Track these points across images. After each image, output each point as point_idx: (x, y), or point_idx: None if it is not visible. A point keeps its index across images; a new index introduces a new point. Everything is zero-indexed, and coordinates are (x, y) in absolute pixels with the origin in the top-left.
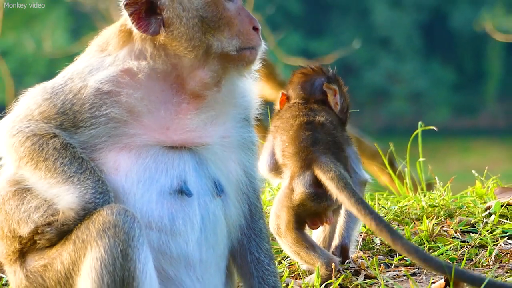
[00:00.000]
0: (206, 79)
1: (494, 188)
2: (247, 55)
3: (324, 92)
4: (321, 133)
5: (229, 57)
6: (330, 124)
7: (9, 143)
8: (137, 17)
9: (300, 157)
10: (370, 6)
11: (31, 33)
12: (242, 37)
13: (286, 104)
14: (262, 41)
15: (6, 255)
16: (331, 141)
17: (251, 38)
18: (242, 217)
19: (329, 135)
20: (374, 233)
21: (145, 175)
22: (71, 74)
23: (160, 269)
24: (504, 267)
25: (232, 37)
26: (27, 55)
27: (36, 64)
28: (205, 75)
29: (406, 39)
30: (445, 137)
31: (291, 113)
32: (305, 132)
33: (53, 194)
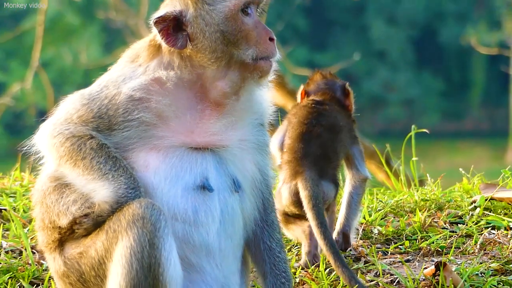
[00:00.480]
0: (226, 89)
1: (479, 184)
2: (262, 65)
3: (344, 92)
4: (313, 146)
5: (247, 66)
6: (328, 133)
7: (50, 144)
8: (166, 33)
9: (291, 166)
10: (368, 23)
11: (69, 47)
12: (259, 47)
13: (305, 99)
14: (277, 51)
15: (46, 244)
16: (321, 155)
17: (267, 47)
18: (256, 211)
19: (322, 147)
20: (324, 254)
21: (172, 172)
22: (106, 82)
23: (184, 257)
24: (488, 254)
25: (249, 47)
26: (65, 66)
27: (73, 74)
28: (225, 85)
29: (400, 52)
30: (435, 139)
31: (303, 113)
32: (299, 144)
33: (90, 189)
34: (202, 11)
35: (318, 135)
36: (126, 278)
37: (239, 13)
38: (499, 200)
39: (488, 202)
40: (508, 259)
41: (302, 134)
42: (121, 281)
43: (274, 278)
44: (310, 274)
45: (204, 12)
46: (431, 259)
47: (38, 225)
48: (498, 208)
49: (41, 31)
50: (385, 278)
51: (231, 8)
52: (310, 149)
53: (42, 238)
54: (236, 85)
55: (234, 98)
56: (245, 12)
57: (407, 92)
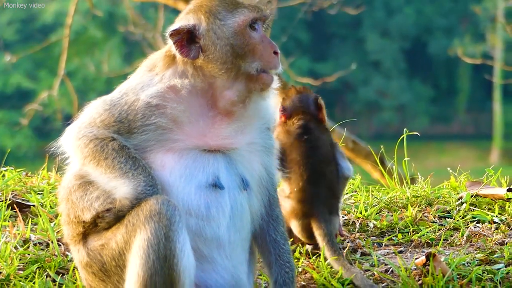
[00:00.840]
0: (234, 98)
1: (465, 182)
2: (264, 78)
3: (317, 106)
4: (321, 187)
5: (251, 77)
6: (327, 165)
7: (75, 145)
8: (180, 45)
9: (302, 206)
10: (364, 36)
11: (92, 58)
12: (264, 60)
13: (287, 120)
14: (280, 65)
15: (71, 237)
16: (329, 194)
17: (271, 60)
18: (262, 207)
19: (328, 186)
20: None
21: (186, 172)
22: (126, 90)
23: (196, 249)
24: (474, 246)
25: (255, 60)
26: (89, 75)
27: (96, 82)
28: (233, 94)
29: (393, 62)
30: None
31: (299, 148)
32: (309, 187)
33: (112, 186)
34: (214, 25)
35: (322, 174)
36: (144, 268)
37: (247, 28)
38: (484, 196)
39: (473, 198)
40: (492, 250)
41: (308, 177)
42: (139, 270)
43: (279, 267)
44: (311, 264)
45: (215, 26)
46: (422, 250)
47: (64, 220)
48: (482, 204)
49: (67, 43)
50: (380, 268)
51: (240, 23)
52: (319, 191)
53: (67, 232)
54: (243, 95)
55: (241, 106)
56: (252, 28)
57: (399, 98)
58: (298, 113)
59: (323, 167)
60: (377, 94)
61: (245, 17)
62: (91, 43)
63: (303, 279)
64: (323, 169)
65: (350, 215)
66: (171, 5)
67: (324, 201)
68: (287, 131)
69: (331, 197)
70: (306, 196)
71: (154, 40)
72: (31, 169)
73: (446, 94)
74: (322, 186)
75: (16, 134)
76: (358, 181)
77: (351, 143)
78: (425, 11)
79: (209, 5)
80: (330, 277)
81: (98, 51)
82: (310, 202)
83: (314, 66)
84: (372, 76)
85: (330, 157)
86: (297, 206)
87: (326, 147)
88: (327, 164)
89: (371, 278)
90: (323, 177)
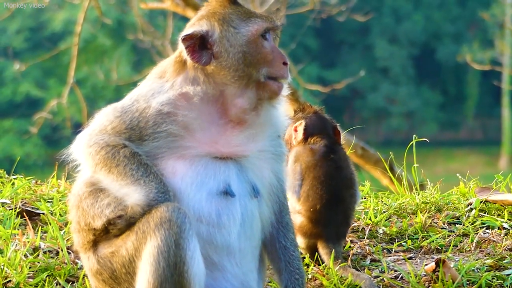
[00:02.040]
0: (245, 106)
1: (474, 188)
2: (273, 86)
3: (335, 132)
4: (337, 214)
5: (261, 85)
6: (347, 190)
7: (86, 152)
8: (192, 50)
9: (312, 227)
10: (372, 43)
11: (101, 66)
12: (274, 69)
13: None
14: (289, 75)
15: (81, 245)
16: (343, 221)
17: (280, 70)
18: (272, 214)
19: (343, 213)
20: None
21: (197, 179)
22: (136, 97)
23: (207, 256)
24: (483, 252)
25: (265, 69)
26: (98, 83)
27: (105, 90)
28: (244, 102)
29: (401, 69)
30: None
31: (323, 167)
32: (324, 210)
33: (123, 193)
34: (227, 33)
35: (342, 199)
36: (154, 275)
37: (259, 38)
38: (493, 202)
39: (483, 204)
40: (502, 256)
41: (328, 200)
42: (150, 277)
43: (288, 274)
44: (321, 271)
45: (229, 34)
46: (432, 257)
47: (74, 227)
48: (492, 210)
49: (76, 51)
50: (389, 274)
51: (253, 32)
52: (334, 215)
53: (77, 239)
54: (254, 103)
55: (253, 113)
56: (264, 37)
57: (408, 104)
58: (319, 132)
59: (343, 191)
60: (385, 100)
61: (258, 26)
62: (100, 51)
63: (312, 286)
64: (344, 193)
65: (360, 221)
66: (180, 13)
67: (337, 226)
68: (310, 149)
69: (343, 223)
70: (320, 218)
71: (163, 47)
72: (40, 177)
73: (454, 100)
74: (338, 211)
75: (25, 143)
76: (367, 187)
77: (360, 150)
78: (434, 17)
79: (222, 12)
80: (340, 283)
81: (107, 59)
82: (322, 225)
83: (323, 73)
84: (380, 82)
85: (351, 180)
86: (308, 225)
87: (350, 169)
88: (348, 188)
89: (381, 284)
90: (341, 202)
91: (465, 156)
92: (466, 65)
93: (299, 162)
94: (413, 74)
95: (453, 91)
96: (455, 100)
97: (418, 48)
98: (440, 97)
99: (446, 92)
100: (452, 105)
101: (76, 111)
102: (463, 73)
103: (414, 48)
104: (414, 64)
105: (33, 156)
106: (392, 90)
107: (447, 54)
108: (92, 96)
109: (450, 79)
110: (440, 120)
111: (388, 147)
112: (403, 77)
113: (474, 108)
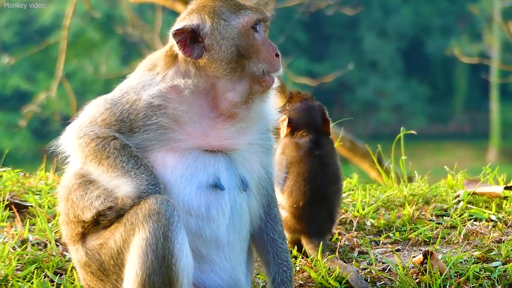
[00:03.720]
0: (236, 99)
1: (462, 180)
2: (267, 79)
3: (324, 119)
4: (321, 209)
5: (255, 78)
6: (332, 185)
7: (76, 144)
8: (183, 44)
9: (297, 224)
10: (361, 36)
11: (90, 59)
12: (267, 61)
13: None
14: (281, 66)
15: (70, 237)
16: (328, 217)
17: (274, 63)
18: (261, 207)
19: (328, 209)
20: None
21: (187, 172)
22: (127, 89)
23: (195, 249)
24: (471, 244)
25: (259, 61)
26: (87, 77)
27: (94, 84)
28: (235, 96)
29: (390, 62)
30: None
31: (307, 164)
32: (308, 207)
33: (114, 185)
34: (218, 25)
35: (326, 195)
36: (142, 267)
37: (250, 30)
38: (481, 194)
39: (470, 197)
40: (489, 248)
41: (311, 197)
42: (138, 269)
43: (276, 266)
44: (309, 263)
45: (220, 26)
46: (419, 249)
47: (63, 220)
48: (479, 202)
49: (65, 45)
50: (377, 266)
51: (244, 24)
52: (318, 212)
53: (66, 232)
54: (245, 96)
55: (244, 107)
56: (254, 29)
57: (396, 98)
58: (305, 125)
59: (328, 187)
60: (374, 94)
61: (249, 18)
62: (89, 44)
63: (300, 278)
64: (328, 189)
65: (348, 213)
66: (169, 7)
67: (320, 222)
68: (295, 144)
69: (328, 220)
70: (303, 214)
71: (152, 41)
72: (29, 170)
73: (443, 93)
74: (322, 208)
75: (14, 136)
76: (355, 180)
77: (348, 143)
78: (422, 11)
79: (212, 5)
80: (328, 275)
81: (96, 53)
82: (306, 221)
83: (312, 67)
84: (369, 76)
85: (337, 176)
86: (292, 220)
87: (335, 165)
88: (333, 183)
89: (369, 276)
90: (326, 199)
91: (454, 150)
92: (454, 58)
93: (284, 155)
94: (402, 68)
95: (441, 84)
96: (444, 94)
97: (407, 42)
98: (429, 90)
99: (434, 86)
100: (441, 98)
101: (65, 105)
102: (451, 66)
103: (403, 42)
104: (403, 57)
105: (22, 149)
106: (380, 84)
107: (436, 48)
108: (81, 89)
109: (439, 72)
110: (429, 114)
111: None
112: (392, 70)
113: (463, 102)
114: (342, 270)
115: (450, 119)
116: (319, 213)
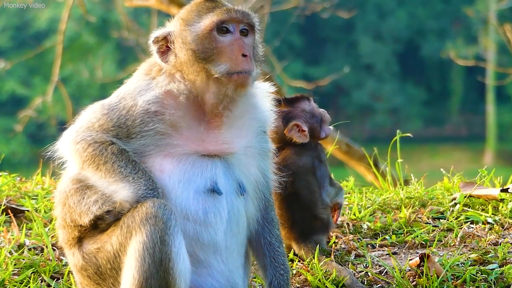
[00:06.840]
0: (214, 100)
1: (458, 183)
2: (235, 78)
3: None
4: (296, 211)
5: (220, 80)
6: (313, 182)
7: (73, 149)
8: (160, 51)
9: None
10: (357, 39)
11: (86, 64)
12: (231, 63)
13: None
14: (250, 66)
15: (66, 241)
16: (307, 216)
17: (238, 63)
18: (258, 211)
19: (306, 208)
20: None
21: (185, 176)
22: (123, 94)
23: (193, 253)
24: (468, 247)
25: (221, 63)
26: (83, 81)
27: (90, 88)
28: (211, 96)
29: (385, 65)
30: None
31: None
32: (283, 212)
33: (112, 190)
34: (183, 31)
35: (298, 196)
36: (139, 271)
37: (213, 33)
38: (477, 197)
39: (467, 199)
40: (486, 250)
41: (282, 201)
42: (135, 273)
43: (273, 270)
44: (306, 266)
45: (183, 32)
46: (416, 251)
47: (59, 224)
48: (476, 204)
49: (61, 49)
50: (374, 269)
51: (202, 28)
52: (295, 214)
53: (62, 235)
54: (221, 96)
55: (223, 107)
56: (222, 31)
57: (392, 101)
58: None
59: (297, 187)
60: (370, 97)
61: (209, 21)
62: (85, 49)
63: (297, 281)
64: (298, 189)
65: (344, 217)
66: (165, 11)
67: (301, 223)
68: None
69: (310, 219)
70: (282, 221)
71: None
72: (25, 174)
73: (439, 96)
74: (297, 209)
75: (10, 141)
76: (351, 183)
77: (344, 146)
78: (418, 14)
79: (185, 11)
80: (325, 279)
81: (92, 57)
82: (286, 226)
83: (307, 70)
84: (365, 79)
85: (299, 172)
86: None
87: (296, 162)
88: (299, 180)
89: (365, 279)
90: (298, 199)
91: (450, 152)
92: (450, 61)
93: None
94: (398, 71)
95: (437, 87)
96: (440, 96)
97: (402, 45)
98: (425, 93)
99: (430, 89)
100: (437, 101)
101: (61, 109)
102: (447, 69)
103: (398, 45)
104: (398, 60)
105: (19, 154)
106: (376, 87)
107: (431, 51)
108: (77, 94)
109: (435, 75)
110: (425, 116)
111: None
112: (388, 73)
113: (459, 104)
114: (338, 273)
115: (446, 121)
116: (296, 215)
